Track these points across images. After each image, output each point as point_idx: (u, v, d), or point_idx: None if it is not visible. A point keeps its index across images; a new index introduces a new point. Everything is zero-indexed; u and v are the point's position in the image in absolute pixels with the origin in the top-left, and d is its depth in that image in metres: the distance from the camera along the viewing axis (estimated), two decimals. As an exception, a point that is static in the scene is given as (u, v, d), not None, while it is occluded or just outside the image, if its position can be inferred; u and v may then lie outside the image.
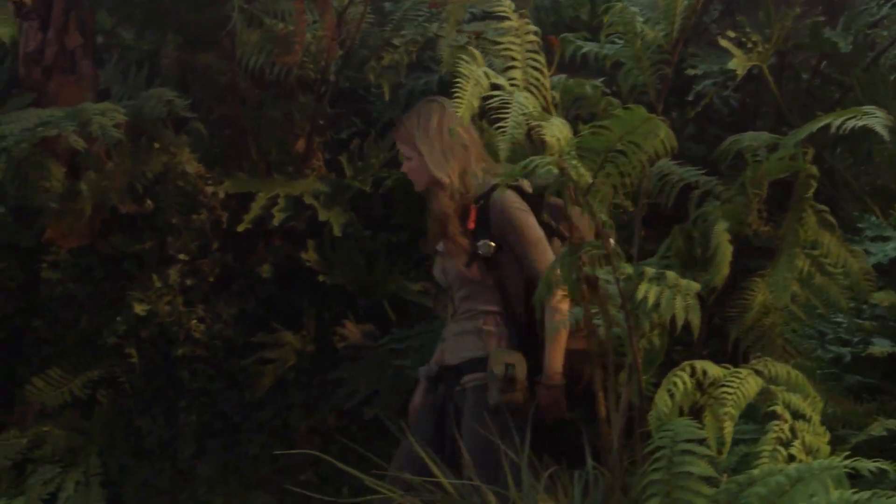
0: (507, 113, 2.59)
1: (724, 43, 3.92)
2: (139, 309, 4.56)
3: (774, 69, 4.26)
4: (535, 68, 2.86)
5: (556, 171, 2.79)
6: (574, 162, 2.72)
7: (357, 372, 4.62)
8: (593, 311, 2.99)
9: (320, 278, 4.56)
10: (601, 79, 3.38)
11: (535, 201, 3.47)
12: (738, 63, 3.83)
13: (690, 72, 4.16)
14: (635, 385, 2.93)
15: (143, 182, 4.34)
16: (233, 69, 4.61)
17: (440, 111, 3.50)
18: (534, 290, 3.18)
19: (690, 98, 4.24)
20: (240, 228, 4.55)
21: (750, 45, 4.01)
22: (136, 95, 4.37)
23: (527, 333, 3.43)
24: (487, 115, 2.84)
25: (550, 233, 3.47)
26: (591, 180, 2.77)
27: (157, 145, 4.34)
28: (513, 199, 3.40)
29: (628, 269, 2.83)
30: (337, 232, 4.51)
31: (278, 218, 4.54)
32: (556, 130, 2.57)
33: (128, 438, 4.66)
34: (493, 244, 3.40)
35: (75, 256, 4.81)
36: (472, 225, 3.42)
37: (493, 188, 3.40)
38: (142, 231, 4.79)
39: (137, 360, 4.66)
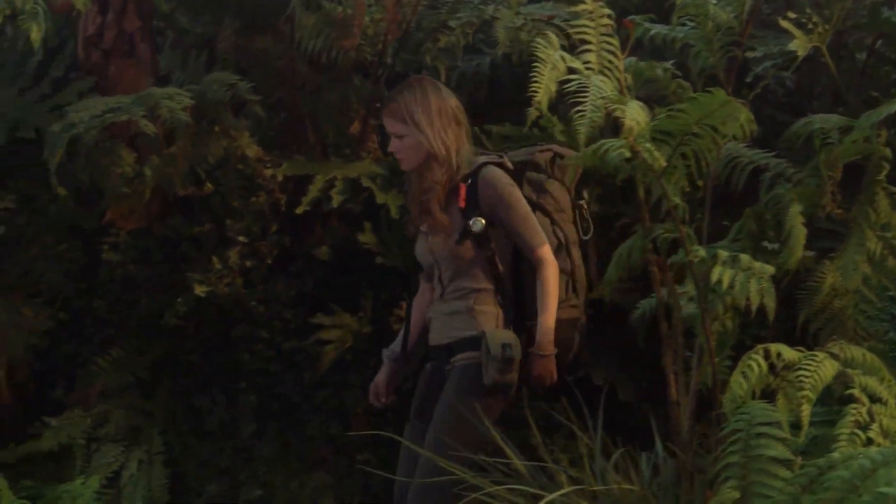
0: (585, 97, 2.59)
1: (784, 24, 3.90)
2: (199, 290, 4.61)
3: (831, 49, 4.24)
4: (609, 51, 2.86)
5: (627, 154, 2.80)
6: (648, 145, 2.73)
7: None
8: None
9: (378, 260, 4.59)
10: (670, 62, 3.37)
11: (517, 178, 3.51)
12: (800, 44, 3.82)
13: (750, 54, 4.14)
14: (707, 368, 2.94)
15: (204, 166, 4.37)
16: (291, 53, 4.63)
17: (434, 89, 3.50)
18: (522, 264, 3.39)
19: (748, 80, 4.22)
20: (298, 211, 4.57)
21: (810, 26, 3.99)
22: (197, 80, 4.39)
23: (515, 309, 3.45)
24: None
25: (532, 207, 3.49)
26: (664, 163, 2.77)
27: (217, 129, 4.37)
28: (501, 175, 3.43)
29: (701, 251, 2.83)
30: (394, 214, 4.53)
31: (336, 200, 4.56)
32: (635, 114, 2.57)
33: (188, 418, 4.71)
34: (483, 221, 3.40)
35: (134, 238, 4.87)
36: (462, 203, 3.42)
37: (481, 166, 3.44)
38: (198, 213, 4.84)
39: (198, 341, 4.69)
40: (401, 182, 4.67)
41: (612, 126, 2.98)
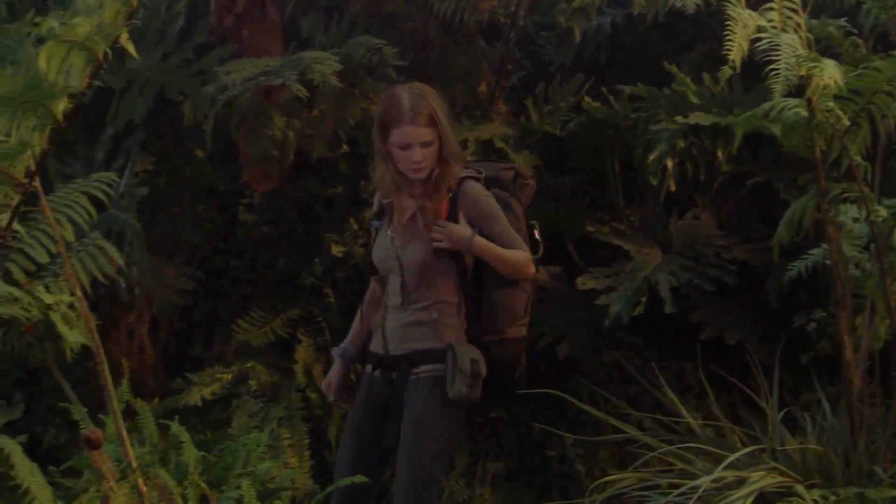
0: (778, 55, 2.61)
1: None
2: (336, 250, 4.70)
3: None
4: (791, 9, 2.87)
5: (804, 113, 2.82)
6: (831, 104, 2.75)
7: (546, 313, 4.71)
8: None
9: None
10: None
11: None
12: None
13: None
14: (881, 327, 2.96)
15: (345, 128, 4.44)
16: (424, 15, 4.67)
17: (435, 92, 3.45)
18: (485, 279, 3.42)
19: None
20: (431, 172, 4.62)
21: None
22: (339, 43, 4.46)
23: (475, 324, 3.46)
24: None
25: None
26: (847, 122, 2.79)
27: (357, 92, 4.43)
28: (481, 188, 3.44)
29: (883, 211, 2.85)
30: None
31: (471, 160, 4.60)
32: (832, 72, 2.59)
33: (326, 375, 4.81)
34: None
35: (267, 200, 4.97)
36: (444, 215, 3.38)
37: (462, 180, 3.41)
38: (328, 176, 4.93)
39: (334, 300, 4.79)
40: (531, 142, 4.73)
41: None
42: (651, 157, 4.33)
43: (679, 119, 4.28)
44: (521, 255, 3.45)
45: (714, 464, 3.03)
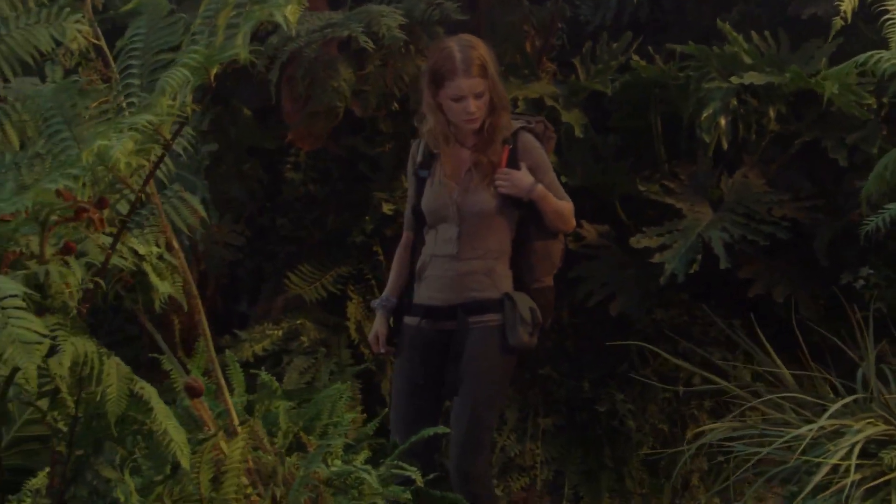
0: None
1: None
2: (386, 209, 4.73)
3: None
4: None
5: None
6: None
7: (594, 271, 4.77)
8: None
9: (562, 179, 4.67)
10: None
11: None
12: None
13: None
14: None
15: (400, 85, 4.45)
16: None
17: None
18: (529, 230, 3.54)
19: None
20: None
21: None
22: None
23: (521, 273, 3.56)
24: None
25: None
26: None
27: (413, 48, 4.43)
28: (533, 139, 3.56)
29: None
30: (578, 133, 4.63)
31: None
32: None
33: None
34: None
35: (313, 159, 4.99)
36: (503, 164, 3.46)
37: (518, 131, 3.53)
38: (371, 134, 4.94)
39: (383, 258, 4.82)
40: (581, 101, 4.76)
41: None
42: (704, 115, 4.35)
43: (734, 79, 4.32)
44: (569, 207, 3.61)
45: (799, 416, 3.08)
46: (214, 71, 2.46)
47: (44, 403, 2.47)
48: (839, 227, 4.59)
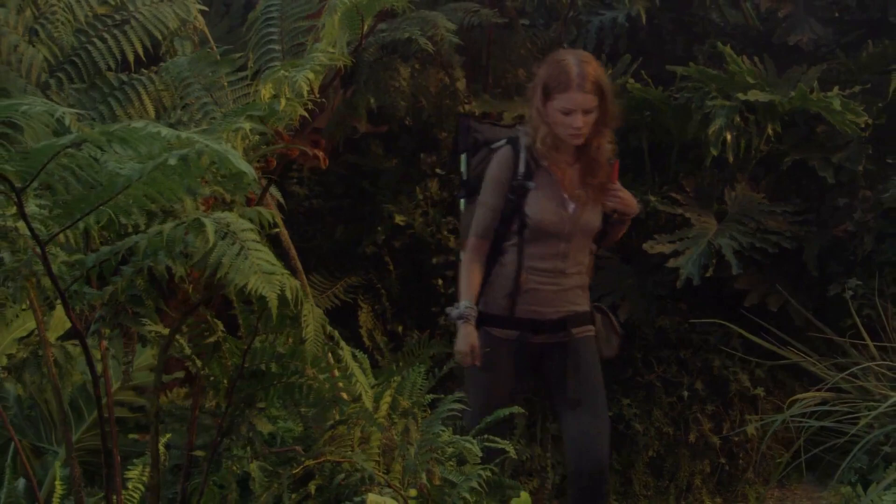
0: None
1: None
2: (399, 220, 4.82)
3: None
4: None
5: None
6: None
7: (600, 280, 4.94)
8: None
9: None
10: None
11: None
12: None
13: None
14: None
15: (427, 96, 4.57)
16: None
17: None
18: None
19: None
20: (494, 146, 4.81)
21: None
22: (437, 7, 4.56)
23: None
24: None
25: None
26: None
27: (437, 62, 4.57)
28: None
29: None
30: (585, 147, 4.82)
31: (533, 134, 4.82)
32: None
33: (385, 340, 4.90)
34: None
35: (316, 174, 5.06)
36: (615, 178, 3.48)
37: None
38: (365, 151, 5.05)
39: (393, 268, 4.90)
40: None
41: None
42: (711, 130, 4.61)
43: (740, 95, 4.60)
44: None
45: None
46: (368, 22, 2.55)
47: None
48: (826, 240, 4.90)
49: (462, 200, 3.67)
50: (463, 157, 3.65)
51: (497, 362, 3.49)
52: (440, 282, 4.92)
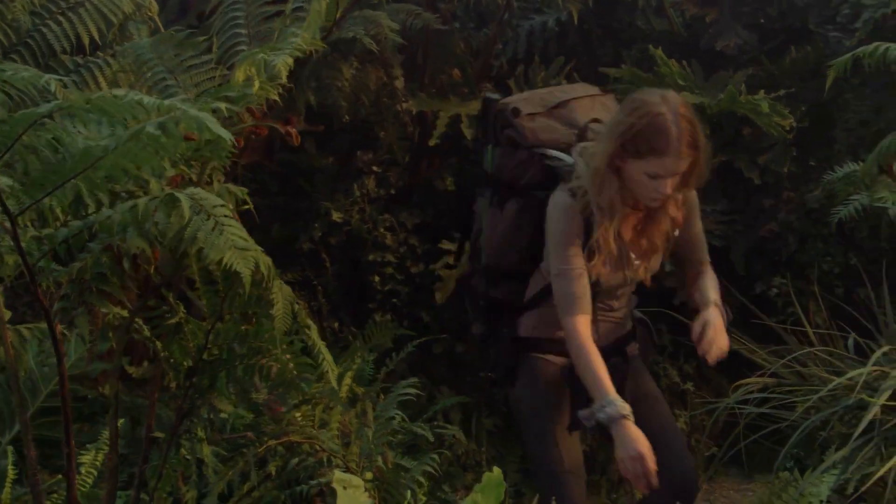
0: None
1: None
2: (336, 216, 4.85)
3: None
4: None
5: None
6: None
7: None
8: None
9: (505, 190, 4.93)
10: None
11: None
12: None
13: None
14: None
15: (368, 94, 4.60)
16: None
17: None
18: None
19: None
20: (431, 143, 4.88)
21: None
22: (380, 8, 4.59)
23: None
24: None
25: None
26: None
27: (378, 60, 4.61)
28: None
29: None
30: (519, 147, 4.91)
31: (469, 133, 4.89)
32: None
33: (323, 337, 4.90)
34: None
35: (250, 172, 5.05)
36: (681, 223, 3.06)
37: None
38: (306, 148, 5.07)
39: (329, 265, 4.92)
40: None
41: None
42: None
43: (670, 97, 4.72)
44: None
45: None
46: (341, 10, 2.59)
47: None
48: (752, 240, 5.05)
49: (484, 199, 3.19)
50: (490, 148, 3.12)
51: (556, 395, 3.00)
52: (377, 279, 4.95)
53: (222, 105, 2.27)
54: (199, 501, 2.55)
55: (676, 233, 3.00)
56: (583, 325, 2.82)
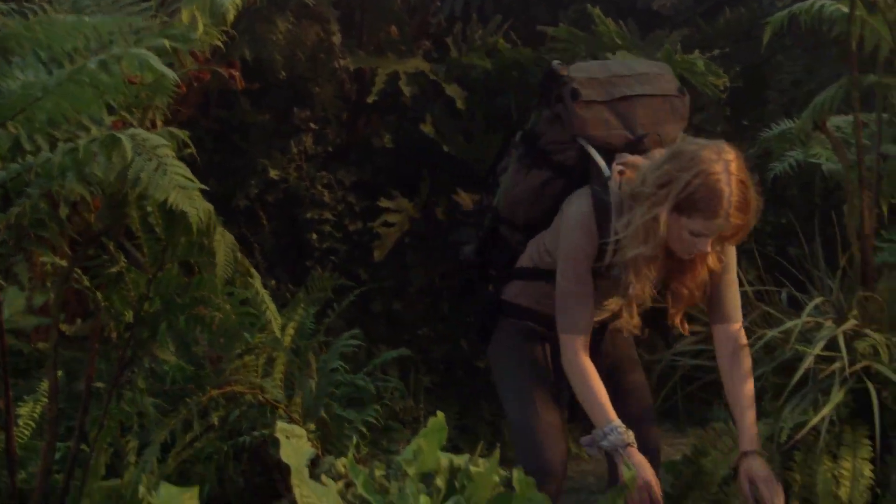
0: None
1: None
2: (273, 174, 4.80)
3: None
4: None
5: (845, 10, 3.28)
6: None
7: (470, 236, 5.03)
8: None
9: (445, 149, 4.94)
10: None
11: None
12: None
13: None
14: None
15: (303, 50, 4.55)
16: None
17: None
18: None
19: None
20: (369, 100, 4.85)
21: None
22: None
23: None
24: None
25: None
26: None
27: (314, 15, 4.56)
28: None
29: None
30: (461, 105, 4.92)
31: (408, 91, 4.87)
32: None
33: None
34: None
35: (185, 127, 4.97)
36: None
37: None
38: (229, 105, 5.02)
39: (266, 222, 4.88)
40: (459, 75, 5.03)
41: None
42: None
43: (608, 55, 4.74)
44: None
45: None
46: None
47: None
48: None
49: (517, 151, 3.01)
50: (539, 111, 2.94)
51: (535, 356, 2.95)
52: (314, 236, 4.92)
53: (166, 42, 2.23)
54: (140, 452, 2.52)
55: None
56: (583, 348, 2.73)
